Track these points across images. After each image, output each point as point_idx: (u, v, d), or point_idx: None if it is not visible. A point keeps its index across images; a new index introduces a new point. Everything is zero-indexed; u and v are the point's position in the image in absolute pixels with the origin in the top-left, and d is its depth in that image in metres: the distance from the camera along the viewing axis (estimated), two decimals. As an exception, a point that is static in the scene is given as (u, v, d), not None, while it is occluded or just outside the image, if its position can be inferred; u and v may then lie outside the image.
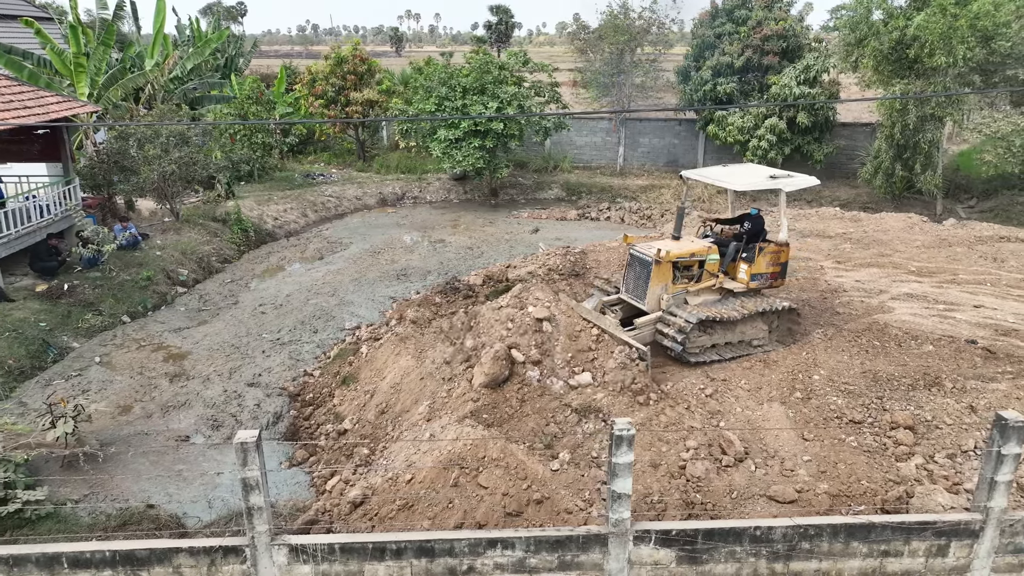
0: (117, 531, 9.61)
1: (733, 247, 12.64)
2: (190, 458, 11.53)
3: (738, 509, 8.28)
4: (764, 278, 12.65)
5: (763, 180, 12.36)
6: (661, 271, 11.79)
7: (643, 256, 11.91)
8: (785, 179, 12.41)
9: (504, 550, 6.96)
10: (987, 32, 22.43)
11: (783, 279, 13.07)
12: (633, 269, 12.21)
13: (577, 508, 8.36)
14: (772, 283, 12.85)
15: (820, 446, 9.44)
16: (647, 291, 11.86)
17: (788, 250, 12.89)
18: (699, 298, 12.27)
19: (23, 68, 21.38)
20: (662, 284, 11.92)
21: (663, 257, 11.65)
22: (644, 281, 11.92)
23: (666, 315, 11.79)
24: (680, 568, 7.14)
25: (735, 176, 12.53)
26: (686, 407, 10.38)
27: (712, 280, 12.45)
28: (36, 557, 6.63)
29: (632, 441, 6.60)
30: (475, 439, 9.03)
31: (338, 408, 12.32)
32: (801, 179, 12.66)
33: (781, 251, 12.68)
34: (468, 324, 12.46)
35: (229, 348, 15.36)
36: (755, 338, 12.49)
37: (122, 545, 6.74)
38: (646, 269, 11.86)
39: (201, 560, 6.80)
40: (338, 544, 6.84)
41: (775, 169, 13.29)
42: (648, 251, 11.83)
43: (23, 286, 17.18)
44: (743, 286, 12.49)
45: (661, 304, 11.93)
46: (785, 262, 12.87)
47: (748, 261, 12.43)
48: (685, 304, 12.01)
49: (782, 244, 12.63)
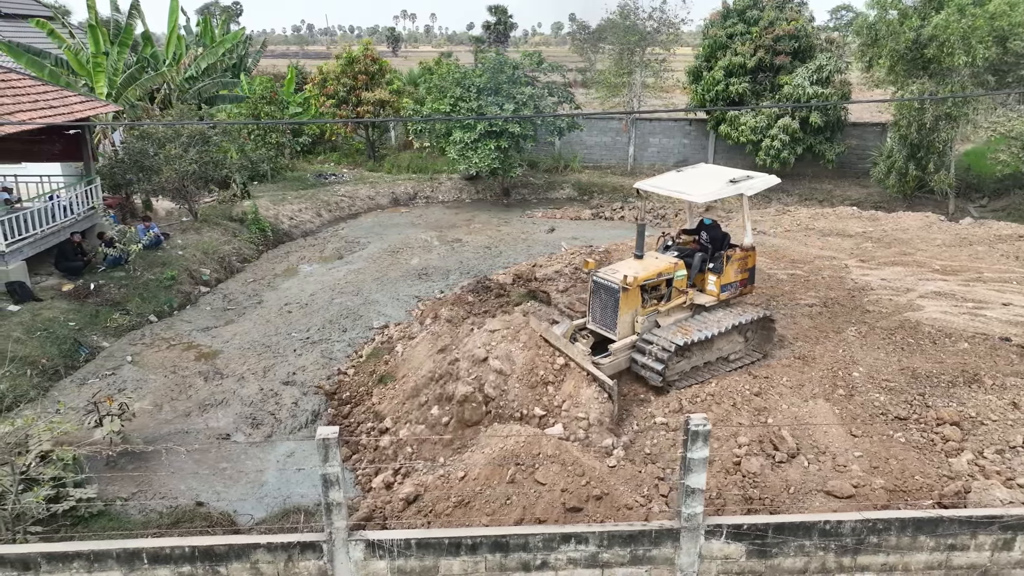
0: (171, 529, 9.63)
1: (698, 258, 11.97)
2: (233, 456, 11.57)
3: (797, 504, 8.37)
4: (734, 287, 12.10)
5: (724, 186, 11.60)
6: (630, 297, 10.96)
7: (609, 283, 11.01)
8: (745, 182, 11.72)
9: (578, 545, 7.03)
10: (1003, 32, 22.63)
11: (752, 284, 12.63)
12: (599, 297, 11.28)
13: (637, 504, 8.43)
14: (742, 291, 12.33)
15: (869, 442, 9.54)
16: (617, 320, 11.03)
17: (754, 254, 12.40)
18: (670, 318, 11.62)
19: (43, 68, 21.35)
20: (632, 310, 11.14)
21: (631, 283, 10.84)
22: (613, 310, 11.05)
23: (640, 343, 11.09)
24: (749, 562, 7.22)
25: (694, 185, 11.72)
26: (731, 404, 10.46)
27: (682, 297, 11.79)
28: (117, 552, 6.67)
29: (708, 436, 6.68)
30: (529, 435, 9.09)
31: (377, 407, 12.36)
32: (761, 180, 12.07)
33: (748, 256, 12.16)
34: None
35: (260, 347, 15.38)
36: (732, 352, 11.98)
37: (201, 541, 6.78)
38: (613, 297, 10.98)
39: (279, 556, 6.85)
40: (415, 539, 6.90)
41: (732, 169, 12.58)
42: (613, 277, 10.96)
43: (49, 286, 17.18)
44: (714, 299, 11.89)
45: (636, 328, 11.24)
46: (753, 267, 12.40)
47: (716, 272, 11.85)
48: (658, 327, 11.36)
49: (748, 249, 12.10)
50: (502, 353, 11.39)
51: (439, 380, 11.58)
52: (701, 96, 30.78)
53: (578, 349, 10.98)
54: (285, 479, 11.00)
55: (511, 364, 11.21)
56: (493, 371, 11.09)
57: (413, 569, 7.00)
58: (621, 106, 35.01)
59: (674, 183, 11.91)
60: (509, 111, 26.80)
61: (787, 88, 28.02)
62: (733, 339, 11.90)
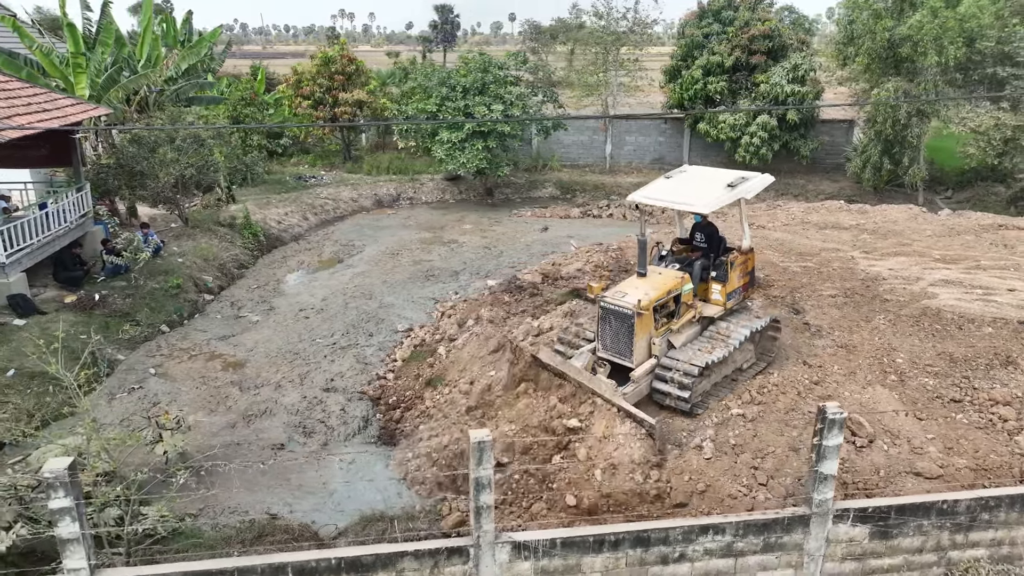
0: (256, 543, 9.38)
1: (699, 267, 11.41)
2: (293, 466, 11.30)
3: (891, 486, 8.71)
4: (738, 293, 11.63)
5: (724, 192, 10.87)
6: (644, 321, 10.19)
7: (621, 309, 10.17)
8: (743, 185, 11.14)
9: (715, 536, 7.17)
10: (972, 33, 23.86)
11: (753, 288, 12.29)
12: (609, 324, 10.43)
13: (740, 494, 8.63)
14: (745, 295, 11.97)
15: (936, 425, 9.98)
16: (632, 346, 10.23)
17: (753, 257, 12.01)
18: (682, 335, 10.94)
19: (20, 69, 20.30)
20: (647, 334, 10.39)
21: (645, 307, 10.10)
22: (627, 336, 10.25)
23: (660, 369, 10.43)
24: (871, 544, 7.50)
25: (693, 193, 10.93)
26: (796, 393, 10.78)
27: (691, 312, 11.13)
28: (261, 568, 6.49)
29: (843, 424, 6.91)
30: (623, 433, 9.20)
31: (432, 410, 12.26)
32: (757, 181, 11.47)
33: (748, 259, 11.75)
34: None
35: (289, 354, 15.04)
36: (745, 362, 11.49)
37: (347, 552, 6.66)
38: (627, 323, 10.16)
39: (425, 563, 6.78)
40: (560, 538, 6.92)
41: (724, 171, 12.08)
42: (624, 302, 10.17)
43: (50, 297, 16.40)
44: (721, 309, 11.33)
45: (653, 350, 10.54)
46: (752, 270, 12.00)
47: (720, 280, 11.25)
48: (672, 347, 10.73)
49: (747, 252, 11.65)
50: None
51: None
52: (679, 95, 31.40)
53: (606, 383, 10.03)
54: (353, 487, 10.80)
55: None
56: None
57: (556, 568, 7.02)
58: (596, 105, 35.43)
59: (672, 193, 11.11)
60: (498, 111, 26.84)
61: (764, 86, 28.87)
62: (746, 348, 11.37)
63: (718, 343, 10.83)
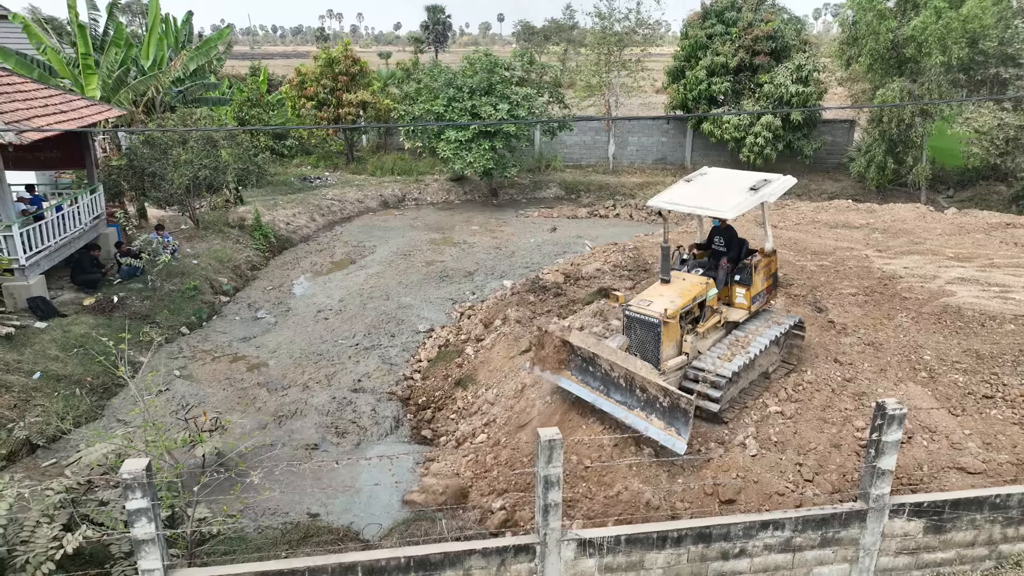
0: (302, 544, 9.39)
1: (722, 271, 11.21)
2: (327, 466, 11.29)
3: (936, 481, 8.83)
4: (762, 296, 11.43)
5: (747, 196, 10.58)
6: (670, 329, 10.10)
7: (647, 318, 10.03)
8: (765, 188, 10.85)
9: (775, 531, 7.26)
10: (975, 34, 24.13)
11: (776, 291, 12.04)
12: (635, 332, 10.29)
13: (788, 490, 8.72)
14: (768, 298, 11.75)
15: (972, 421, 10.12)
16: (660, 353, 10.05)
17: (776, 259, 11.79)
18: (707, 340, 10.79)
19: (32, 69, 20.16)
20: (674, 341, 10.29)
21: (672, 316, 10.01)
22: (654, 344, 10.08)
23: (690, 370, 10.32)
24: (925, 538, 7.61)
25: (715, 198, 10.69)
26: (831, 390, 10.89)
27: (716, 316, 10.98)
28: (332, 567, 6.52)
29: (903, 420, 7.01)
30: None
31: (466, 410, 12.29)
32: (779, 184, 11.13)
33: (771, 262, 11.54)
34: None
35: (313, 355, 15.03)
36: (770, 365, 11.31)
37: (415, 551, 6.69)
38: (653, 332, 10.00)
39: (492, 561, 6.82)
40: (624, 535, 6.98)
41: (744, 173, 11.75)
42: (650, 310, 10.03)
43: (68, 300, 16.30)
44: (746, 312, 11.17)
45: (685, 347, 10.40)
46: (775, 272, 11.80)
47: (744, 284, 11.10)
48: (698, 353, 10.58)
49: (770, 254, 11.44)
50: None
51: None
52: (683, 95, 31.55)
53: (642, 363, 9.81)
54: (390, 488, 10.81)
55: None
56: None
57: (620, 565, 7.08)
58: (597, 106, 35.53)
59: (693, 198, 10.84)
60: (503, 111, 26.88)
61: (767, 87, 29.07)
62: (771, 352, 11.18)
63: (744, 348, 10.63)
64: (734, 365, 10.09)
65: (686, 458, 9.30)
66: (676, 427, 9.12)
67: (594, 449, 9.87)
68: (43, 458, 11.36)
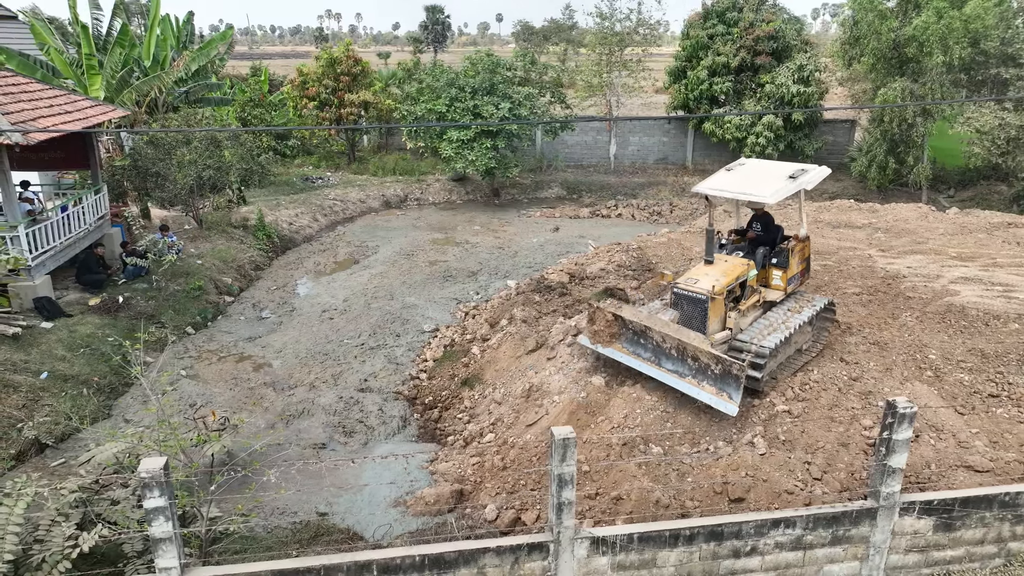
0: (312, 543, 9.43)
1: (761, 254, 11.92)
2: (346, 465, 11.31)
3: (944, 479, 8.87)
4: (797, 279, 12.21)
5: (786, 183, 11.29)
6: (716, 305, 10.82)
7: (695, 295, 10.79)
8: (803, 176, 11.54)
9: (786, 529, 7.30)
10: (976, 34, 24.20)
11: (808, 274, 12.85)
12: (682, 309, 11.05)
13: (797, 489, 8.76)
14: (802, 281, 12.59)
15: (979, 419, 10.16)
16: (706, 328, 10.75)
17: (809, 244, 12.59)
18: (748, 318, 11.49)
19: (36, 70, 20.17)
20: (718, 317, 10.99)
21: (719, 292, 10.68)
22: (701, 319, 10.79)
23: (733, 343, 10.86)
24: (935, 536, 7.66)
25: (757, 184, 11.40)
26: (837, 389, 10.94)
27: (755, 296, 11.71)
28: (347, 566, 6.55)
29: (914, 419, 7.05)
30: (682, 431, 9.31)
31: (473, 410, 12.33)
32: (816, 173, 11.85)
33: (805, 247, 12.36)
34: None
35: (319, 355, 15.06)
36: (803, 344, 11.84)
37: (430, 549, 6.72)
38: (701, 307, 10.73)
39: (506, 559, 6.86)
40: (637, 534, 7.02)
41: (784, 164, 12.45)
42: (698, 287, 10.81)
43: (73, 300, 16.32)
44: (782, 293, 11.97)
45: (728, 323, 11.07)
46: (808, 257, 12.60)
47: (781, 267, 11.89)
48: (740, 330, 11.22)
49: (804, 239, 12.27)
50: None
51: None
52: (684, 95, 31.60)
53: (694, 333, 10.38)
54: (399, 487, 10.84)
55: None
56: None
57: (632, 563, 7.12)
58: (598, 106, 35.57)
59: (737, 184, 11.53)
60: (505, 110, 26.93)
61: (769, 87, 29.12)
62: (805, 331, 11.96)
63: (783, 325, 11.31)
64: (774, 339, 10.72)
65: (694, 456, 9.35)
66: (727, 392, 9.83)
67: (602, 448, 9.91)
68: (52, 458, 11.38)
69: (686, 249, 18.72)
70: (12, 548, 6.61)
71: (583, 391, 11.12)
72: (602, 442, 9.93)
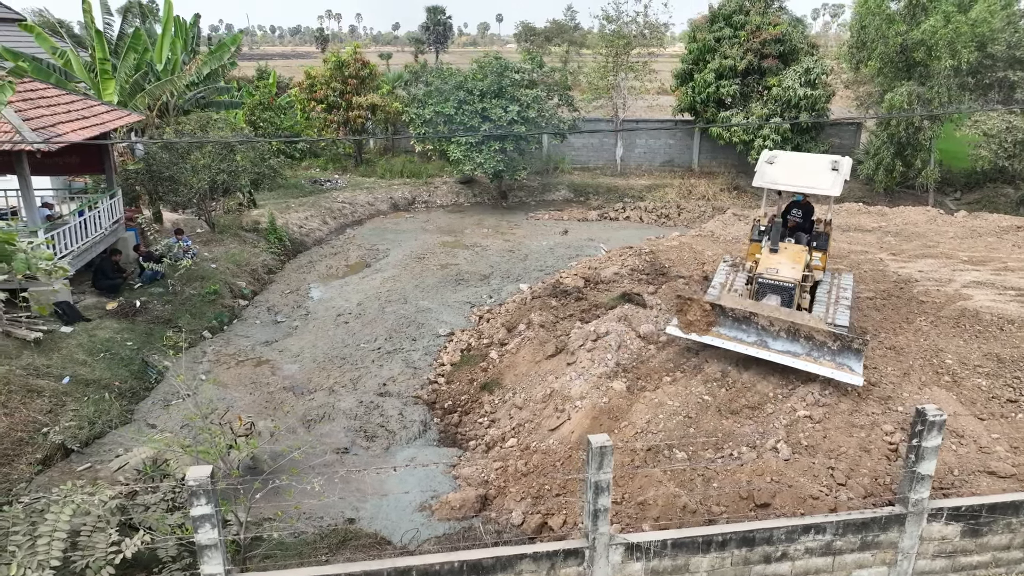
0: (340, 549, 9.52)
1: (805, 239, 13.43)
2: (360, 472, 11.40)
3: (967, 485, 8.98)
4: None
5: (834, 175, 12.70)
6: (798, 290, 12.12)
7: (783, 283, 11.93)
8: (842, 167, 12.98)
9: (816, 535, 7.40)
10: (983, 38, 24.31)
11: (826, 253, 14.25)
12: (767, 296, 12.07)
13: (822, 494, 8.86)
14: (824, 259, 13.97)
15: (999, 424, 10.28)
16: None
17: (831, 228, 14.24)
18: (807, 298, 12.60)
19: (50, 75, 20.26)
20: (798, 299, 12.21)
21: (800, 279, 12.03)
22: (788, 305, 11.87)
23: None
24: (962, 542, 7.76)
25: (812, 177, 12.77)
26: (856, 395, 11.04)
27: (810, 279, 12.85)
28: (388, 571, 6.65)
29: (943, 426, 7.16)
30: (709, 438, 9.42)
31: (493, 414, 12.43)
32: (847, 162, 13.34)
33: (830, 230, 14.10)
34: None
35: (336, 359, 15.15)
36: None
37: (469, 555, 6.82)
38: (788, 294, 11.90)
39: (542, 564, 6.96)
40: (671, 540, 7.12)
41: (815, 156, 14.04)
42: (783, 277, 11.97)
43: (91, 304, 16.41)
44: (822, 272, 13.48)
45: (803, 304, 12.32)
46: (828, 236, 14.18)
47: (821, 249, 13.47)
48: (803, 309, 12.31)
49: (829, 223, 14.07)
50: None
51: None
52: (691, 98, 31.70)
53: (808, 315, 11.39)
54: (424, 492, 10.93)
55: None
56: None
57: (666, 568, 7.23)
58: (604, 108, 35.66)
59: (796, 178, 12.87)
60: (513, 112, 27.03)
61: (775, 90, 29.22)
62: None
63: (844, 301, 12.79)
64: (847, 316, 12.38)
65: (719, 461, 9.45)
66: (848, 364, 10.67)
67: (627, 454, 10.01)
68: (77, 462, 11.46)
69: (698, 253, 18.82)
70: (58, 555, 6.70)
71: (604, 396, 11.22)
72: (626, 447, 10.03)
